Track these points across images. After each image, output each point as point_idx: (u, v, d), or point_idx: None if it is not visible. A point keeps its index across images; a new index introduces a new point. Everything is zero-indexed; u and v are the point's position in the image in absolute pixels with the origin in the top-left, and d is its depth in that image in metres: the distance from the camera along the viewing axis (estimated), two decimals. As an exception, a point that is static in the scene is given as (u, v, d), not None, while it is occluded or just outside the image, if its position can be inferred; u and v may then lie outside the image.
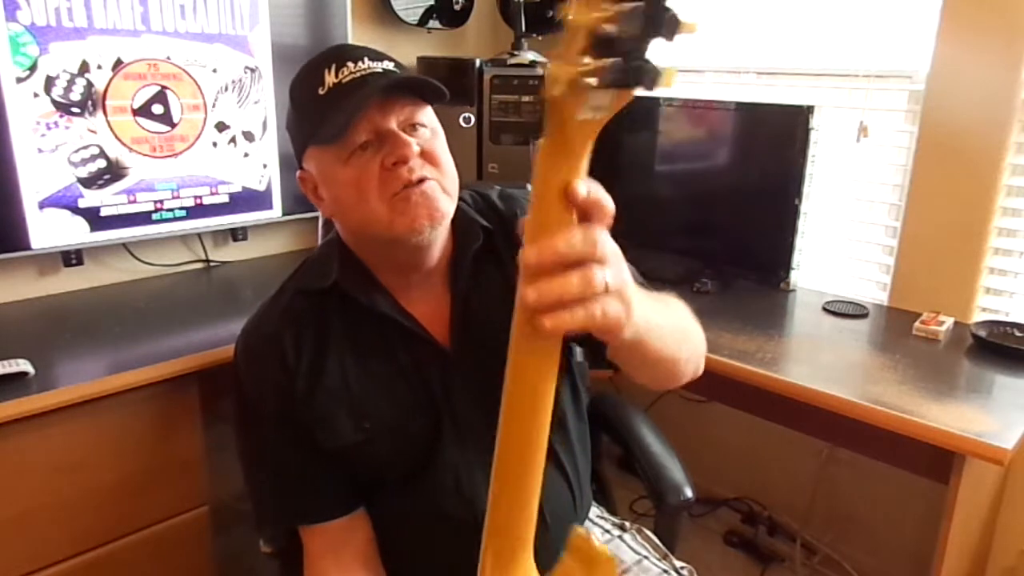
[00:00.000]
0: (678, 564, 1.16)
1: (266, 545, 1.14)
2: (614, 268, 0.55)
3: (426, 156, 0.90)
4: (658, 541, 1.20)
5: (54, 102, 1.52)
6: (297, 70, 0.95)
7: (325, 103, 0.88)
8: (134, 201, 1.67)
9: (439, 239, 0.96)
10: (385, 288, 0.98)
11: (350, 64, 0.89)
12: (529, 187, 0.54)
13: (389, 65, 0.92)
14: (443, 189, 0.91)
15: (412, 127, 0.90)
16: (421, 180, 0.88)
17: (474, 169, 2.19)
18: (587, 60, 0.46)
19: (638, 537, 1.22)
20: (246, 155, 1.84)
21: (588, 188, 0.52)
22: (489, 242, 1.01)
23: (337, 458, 0.96)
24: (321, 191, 0.95)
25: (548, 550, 0.71)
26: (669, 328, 0.79)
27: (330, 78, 0.88)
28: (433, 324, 1.00)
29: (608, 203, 0.53)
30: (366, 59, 0.90)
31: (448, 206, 0.92)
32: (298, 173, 0.97)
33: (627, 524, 1.24)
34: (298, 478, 0.98)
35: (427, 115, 0.93)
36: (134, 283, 1.78)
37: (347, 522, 1.00)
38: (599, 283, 0.53)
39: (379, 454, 0.97)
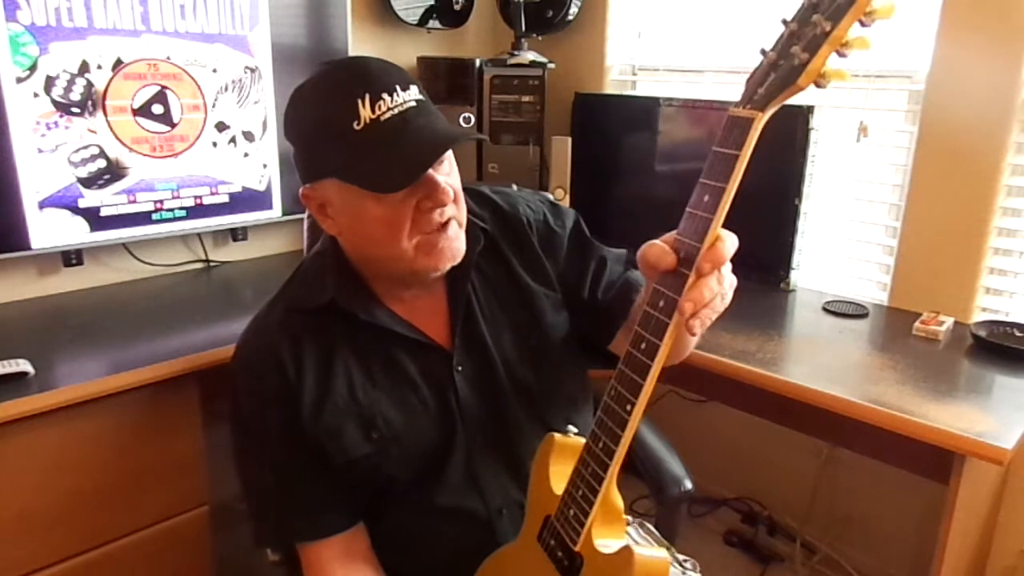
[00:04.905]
0: (680, 557, 1.16)
1: (274, 553, 1.13)
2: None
3: (453, 196, 0.92)
4: (660, 535, 1.20)
5: (54, 102, 1.52)
6: (309, 81, 0.91)
7: (362, 141, 0.85)
8: (134, 201, 1.67)
9: None
10: (382, 300, 0.99)
11: (385, 97, 0.86)
12: (514, 187, 0.55)
13: (416, 91, 0.90)
14: (460, 224, 0.95)
15: (439, 161, 0.90)
16: (448, 222, 0.91)
17: (474, 169, 2.19)
18: None
19: (640, 531, 1.22)
20: (246, 155, 1.84)
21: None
22: (487, 240, 1.03)
23: (347, 470, 0.96)
24: (332, 213, 0.94)
25: None
26: None
27: (365, 112, 0.84)
28: (431, 326, 1.00)
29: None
30: (398, 89, 0.87)
31: (464, 242, 0.95)
32: (302, 191, 0.95)
33: (629, 519, 1.24)
34: (307, 493, 0.97)
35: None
36: (134, 283, 1.78)
37: (355, 529, 1.00)
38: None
39: (389, 463, 0.97)
